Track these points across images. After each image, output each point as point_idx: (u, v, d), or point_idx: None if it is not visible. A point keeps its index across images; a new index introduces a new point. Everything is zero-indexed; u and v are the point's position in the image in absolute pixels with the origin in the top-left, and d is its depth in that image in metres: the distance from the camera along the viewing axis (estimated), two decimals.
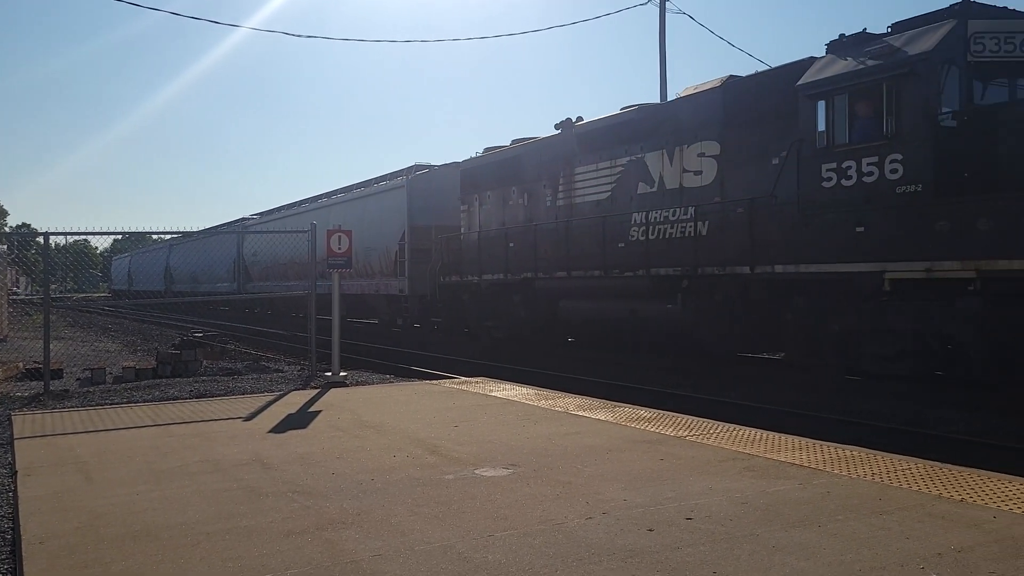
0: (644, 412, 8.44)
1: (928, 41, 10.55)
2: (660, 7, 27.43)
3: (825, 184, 11.47)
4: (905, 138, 10.58)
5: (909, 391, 11.64)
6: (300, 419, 8.40)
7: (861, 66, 11.11)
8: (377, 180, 29.22)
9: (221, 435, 7.53)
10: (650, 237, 14.59)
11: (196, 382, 11.78)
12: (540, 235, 17.63)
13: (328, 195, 34.40)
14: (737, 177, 13.23)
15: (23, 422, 8.48)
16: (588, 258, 16.14)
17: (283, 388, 10.95)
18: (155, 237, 53.15)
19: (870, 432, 9.23)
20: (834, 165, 11.35)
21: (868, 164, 10.92)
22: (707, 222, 13.56)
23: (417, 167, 26.17)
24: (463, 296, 21.05)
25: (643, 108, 15.65)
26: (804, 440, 6.95)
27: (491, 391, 10.21)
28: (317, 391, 10.53)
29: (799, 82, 11.90)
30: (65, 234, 12.51)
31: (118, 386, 11.62)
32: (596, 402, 9.25)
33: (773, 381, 13.27)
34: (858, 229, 11.02)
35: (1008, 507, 4.81)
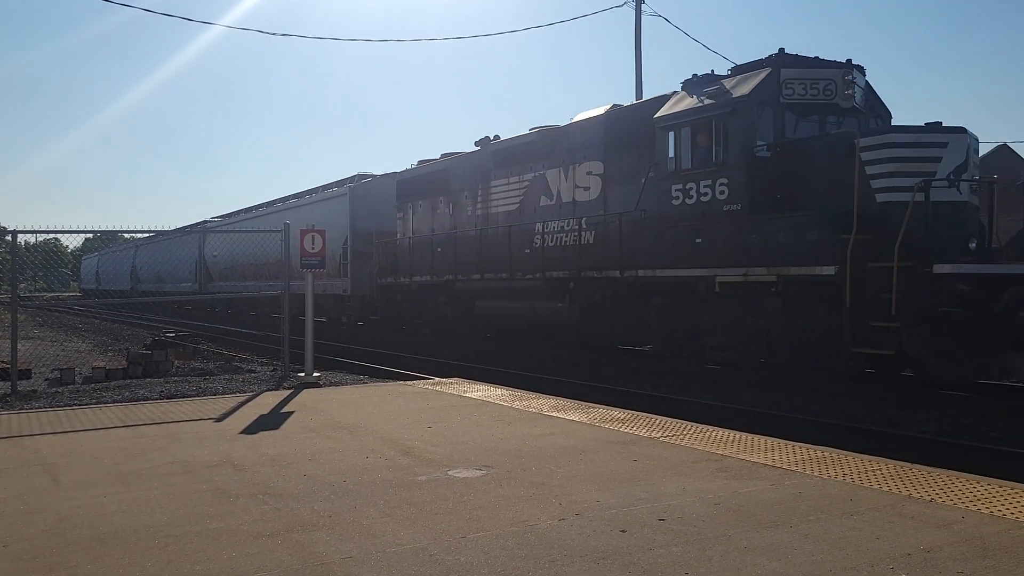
0: (617, 413, 8.45)
1: (748, 86, 12.63)
2: (636, 9, 27.54)
3: (674, 202, 13.55)
4: (729, 165, 12.67)
5: (879, 392, 11.78)
6: (272, 420, 8.33)
7: (700, 104, 13.21)
8: (325, 187, 31.55)
9: (192, 436, 7.45)
10: (547, 244, 16.66)
11: (167, 383, 11.64)
12: (461, 241, 19.57)
13: (283, 200, 36.19)
14: (615, 193, 15.20)
15: None
16: (498, 262, 18.07)
17: (255, 389, 10.85)
18: (127, 236, 52.73)
19: (842, 433, 9.30)
20: (680, 186, 13.44)
21: (704, 186, 13.02)
22: (591, 232, 15.53)
23: (360, 176, 28.16)
24: (397, 296, 22.88)
25: (545, 130, 17.36)
26: (776, 441, 6.99)
27: (465, 392, 10.19)
28: (290, 392, 10.44)
29: (656, 115, 13.98)
30: (35, 232, 12.34)
31: (88, 387, 11.46)
32: (570, 403, 9.25)
33: (745, 382, 13.35)
34: (697, 240, 13.10)
35: (976, 507, 4.86)
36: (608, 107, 15.97)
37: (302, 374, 11.68)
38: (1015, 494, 5.15)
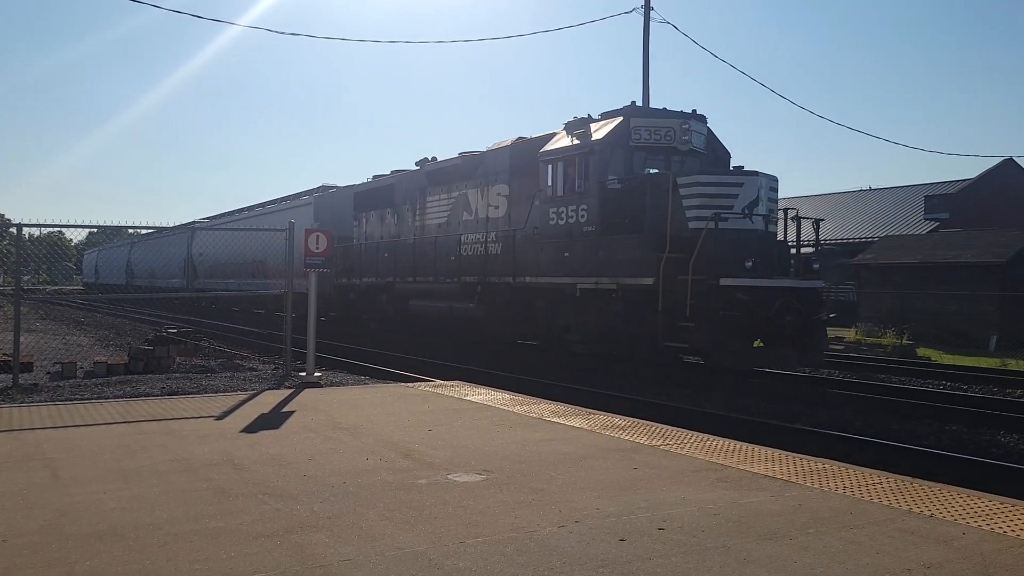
0: (619, 420, 8.44)
1: (603, 131, 15.26)
2: (644, 15, 27.56)
3: (551, 222, 16.12)
4: (588, 194, 15.24)
5: (880, 404, 11.77)
6: (273, 419, 8.33)
7: (570, 144, 15.85)
8: (297, 195, 34.94)
9: (192, 434, 7.45)
10: (465, 254, 19.19)
11: (168, 379, 11.66)
12: (400, 249, 22.27)
13: (263, 204, 39.73)
14: (516, 212, 17.62)
15: None
16: (427, 268, 20.68)
17: (257, 387, 10.85)
18: (130, 232, 53.21)
19: (842, 444, 9.29)
20: (555, 209, 16.03)
21: (571, 211, 15.62)
22: (497, 244, 18.09)
23: (324, 187, 31.58)
24: (351, 295, 25.56)
25: (468, 156, 19.93)
26: (777, 452, 6.98)
27: (466, 395, 10.18)
28: (291, 391, 10.45)
29: (540, 150, 16.62)
30: (39, 226, 12.33)
31: (89, 381, 11.47)
32: (571, 408, 9.24)
33: (747, 391, 13.35)
34: (565, 254, 15.69)
35: (977, 523, 4.85)
36: (514, 139, 18.55)
37: (303, 373, 11.68)
38: (1017, 511, 5.14)
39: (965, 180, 43.38)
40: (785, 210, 14.69)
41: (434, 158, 22.06)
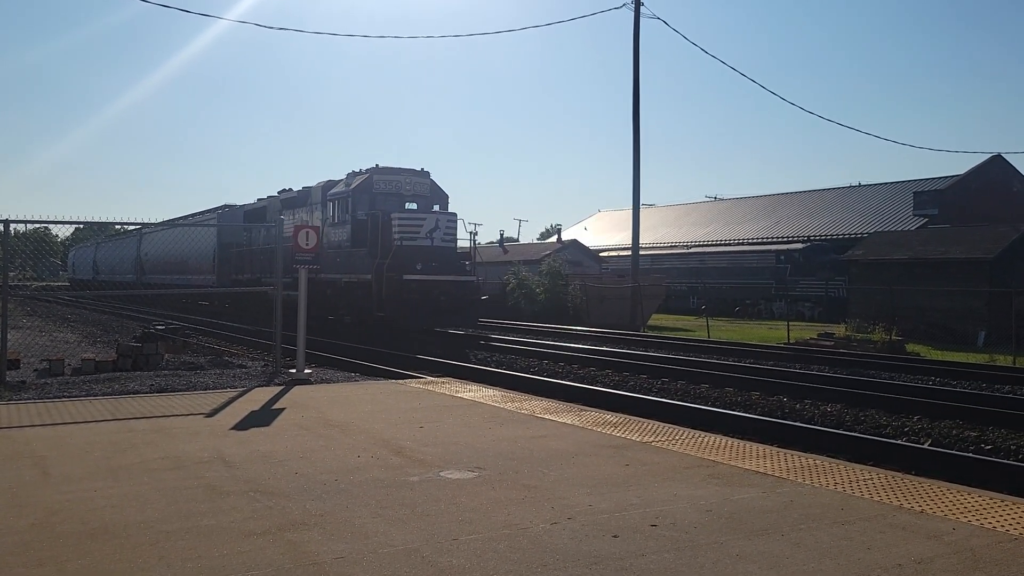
0: (610, 416, 8.45)
1: (356, 182, 23.04)
2: (635, 11, 27.58)
3: (333, 239, 23.75)
4: (347, 223, 23.01)
5: (867, 400, 11.84)
6: (263, 416, 8.31)
7: (343, 189, 23.68)
8: (210, 210, 43.85)
9: (182, 431, 7.42)
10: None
11: (157, 376, 11.60)
12: (265, 253, 28.52)
13: (191, 215, 48.91)
14: (323, 230, 24.37)
15: None
16: (271, 267, 27.86)
17: (247, 384, 10.82)
18: (118, 227, 53.63)
19: (833, 440, 9.32)
20: (334, 230, 23.79)
21: (340, 231, 23.43)
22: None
23: (225, 205, 40.76)
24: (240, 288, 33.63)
25: (304, 189, 27.37)
26: (768, 448, 7.01)
27: (457, 392, 10.18)
28: (281, 388, 10.42)
29: (328, 192, 24.54)
30: (26, 222, 12.26)
31: (77, 378, 11.41)
32: (562, 405, 9.25)
33: (735, 385, 13.40)
34: (338, 260, 23.20)
35: (967, 519, 4.88)
36: (325, 180, 25.64)
37: (293, 370, 11.65)
38: (1005, 506, 5.18)
39: (954, 176, 43.61)
40: (472, 233, 23.24)
41: (289, 189, 29.77)
